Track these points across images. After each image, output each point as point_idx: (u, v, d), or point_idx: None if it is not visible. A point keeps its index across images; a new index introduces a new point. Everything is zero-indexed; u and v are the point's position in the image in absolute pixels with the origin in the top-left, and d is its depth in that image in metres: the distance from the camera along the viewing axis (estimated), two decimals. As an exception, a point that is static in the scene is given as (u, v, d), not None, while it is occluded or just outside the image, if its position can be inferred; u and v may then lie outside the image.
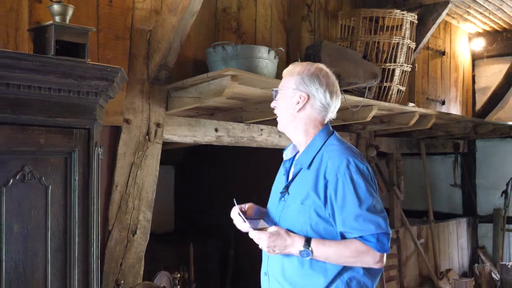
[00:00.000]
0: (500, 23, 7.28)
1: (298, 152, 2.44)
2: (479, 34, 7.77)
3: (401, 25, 4.95)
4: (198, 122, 4.05)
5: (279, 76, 4.11)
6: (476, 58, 7.94)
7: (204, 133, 4.08)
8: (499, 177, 7.64)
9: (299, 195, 2.28)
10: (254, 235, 2.25)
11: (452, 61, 7.39)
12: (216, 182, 7.38)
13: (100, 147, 2.70)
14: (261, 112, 4.28)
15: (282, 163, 2.52)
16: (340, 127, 5.40)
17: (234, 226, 2.47)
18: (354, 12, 5.02)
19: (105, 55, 3.35)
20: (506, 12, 6.80)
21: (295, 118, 2.37)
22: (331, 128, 2.43)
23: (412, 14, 5.00)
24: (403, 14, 4.90)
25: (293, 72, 2.38)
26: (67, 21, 2.53)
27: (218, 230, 7.17)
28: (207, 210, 7.32)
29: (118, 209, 3.49)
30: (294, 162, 2.43)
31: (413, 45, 5.07)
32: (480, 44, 7.72)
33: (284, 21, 4.70)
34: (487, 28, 7.58)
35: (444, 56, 7.13)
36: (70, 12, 2.54)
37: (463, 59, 7.72)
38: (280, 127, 2.47)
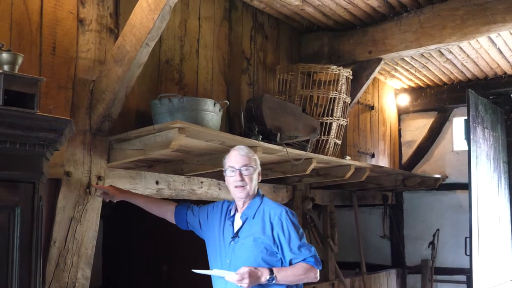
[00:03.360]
0: (425, 80, 7.62)
1: (233, 209, 3.26)
2: (404, 90, 8.09)
3: (337, 80, 5.07)
4: (139, 175, 3.95)
5: (222, 128, 4.12)
6: (402, 113, 8.24)
7: (145, 186, 3.98)
8: (425, 228, 7.86)
9: (250, 236, 3.09)
10: (237, 277, 2.87)
11: (380, 115, 7.63)
12: (145, 234, 7.20)
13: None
14: (202, 164, 4.22)
15: (227, 217, 3.26)
16: (276, 179, 5.40)
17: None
18: (292, 66, 5.10)
19: (47, 105, 3.22)
20: (430, 70, 7.13)
21: (255, 185, 3.24)
22: None
23: (347, 70, 5.14)
24: (339, 69, 5.03)
25: (251, 153, 3.25)
26: (16, 70, 2.42)
27: (148, 285, 6.97)
28: (137, 264, 7.10)
29: (56, 266, 3.31)
30: (235, 216, 3.22)
31: (348, 100, 5.20)
32: (405, 100, 8.02)
33: (225, 74, 4.71)
34: (412, 85, 7.91)
35: (373, 111, 7.36)
36: (19, 61, 2.43)
37: (390, 114, 7.99)
38: (246, 194, 3.17)
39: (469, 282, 5.69)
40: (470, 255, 5.72)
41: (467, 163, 7.49)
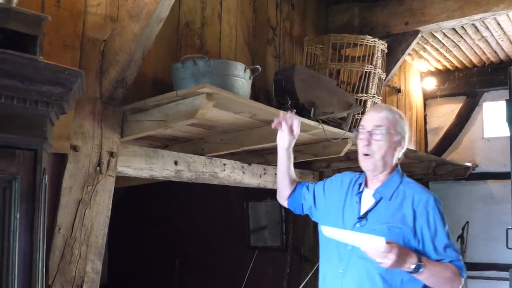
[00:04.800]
0: (454, 61, 7.10)
1: (362, 183, 2.60)
2: (431, 73, 7.56)
3: (373, 53, 4.54)
4: (156, 153, 3.43)
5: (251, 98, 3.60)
6: (427, 98, 7.71)
7: (163, 166, 3.47)
8: (454, 220, 7.29)
9: (382, 221, 2.42)
10: (383, 248, 2.17)
11: (406, 99, 7.10)
12: (156, 225, 6.69)
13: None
14: (226, 143, 3.72)
15: (352, 192, 2.60)
16: (301, 164, 4.89)
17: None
18: (323, 37, 4.58)
19: (50, 65, 2.70)
20: (461, 50, 6.61)
21: (390, 157, 2.53)
22: None
23: (383, 42, 4.62)
24: (375, 41, 4.51)
25: (395, 115, 2.55)
26: (14, 4, 1.90)
27: (159, 280, 6.47)
28: (147, 257, 6.60)
29: (61, 257, 2.79)
30: (364, 192, 2.56)
31: (383, 76, 4.68)
32: (432, 83, 7.49)
33: (249, 43, 4.19)
34: (440, 67, 7.38)
35: (399, 94, 6.83)
36: (17, -7, 1.91)
37: (416, 98, 7.47)
38: (371, 164, 2.52)
39: (512, 278, 5.17)
40: (514, 248, 5.20)
41: (498, 151, 7.08)
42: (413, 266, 2.24)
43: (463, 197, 7.32)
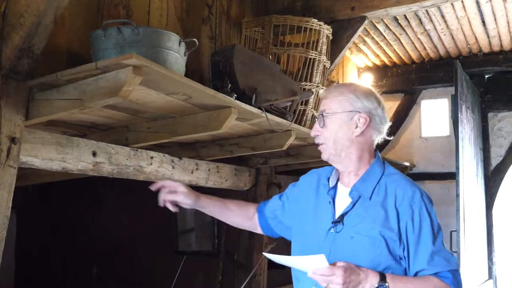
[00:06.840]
0: (393, 56, 6.84)
1: (338, 179, 2.20)
2: (368, 69, 7.27)
3: (317, 39, 4.14)
4: (70, 141, 2.87)
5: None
6: (364, 95, 7.40)
7: (78, 158, 2.91)
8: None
9: (361, 226, 2.02)
10: (327, 271, 1.82)
11: (344, 95, 6.74)
12: (71, 231, 6.05)
13: None
14: (155, 132, 3.20)
15: (322, 189, 2.21)
16: (236, 159, 4.44)
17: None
18: (264, 19, 4.13)
19: None
20: (402, 44, 6.35)
21: (352, 143, 2.10)
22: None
23: (328, 27, 4.22)
24: (320, 25, 4.11)
25: (343, 91, 2.13)
26: None
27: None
28: (61, 265, 5.96)
29: None
30: (337, 188, 2.17)
31: (328, 64, 4.28)
32: (369, 80, 7.19)
33: (182, 20, 3.69)
34: (378, 62, 7.10)
35: (337, 89, 6.46)
36: None
37: (353, 95, 7.14)
38: (326, 155, 2.14)
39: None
40: (458, 251, 4.93)
41: (436, 150, 6.89)
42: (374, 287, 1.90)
43: (399, 199, 7.05)
